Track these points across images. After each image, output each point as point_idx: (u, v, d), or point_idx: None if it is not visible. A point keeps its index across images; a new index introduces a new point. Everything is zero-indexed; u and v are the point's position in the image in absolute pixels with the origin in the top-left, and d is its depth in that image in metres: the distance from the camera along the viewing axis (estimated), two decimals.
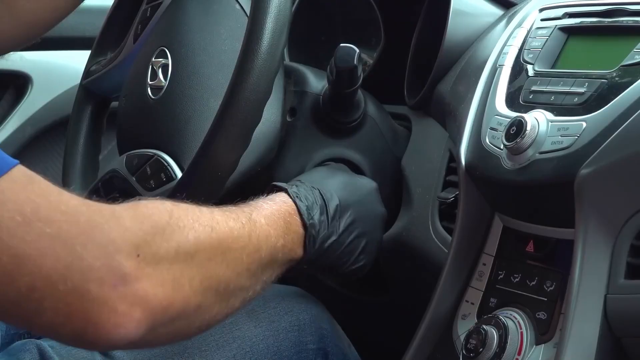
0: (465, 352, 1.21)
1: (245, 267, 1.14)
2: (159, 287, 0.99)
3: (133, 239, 0.98)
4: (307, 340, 1.40)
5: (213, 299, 1.08)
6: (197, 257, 1.05)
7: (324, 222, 1.30)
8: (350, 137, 1.51)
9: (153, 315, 0.99)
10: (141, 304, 0.97)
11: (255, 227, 1.18)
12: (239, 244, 1.13)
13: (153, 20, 1.55)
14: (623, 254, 1.14)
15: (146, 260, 0.98)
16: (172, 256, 1.02)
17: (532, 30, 1.37)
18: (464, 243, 1.32)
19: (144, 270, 0.98)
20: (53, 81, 2.36)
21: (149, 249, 0.99)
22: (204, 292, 1.06)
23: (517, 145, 1.21)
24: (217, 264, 1.08)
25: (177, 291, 1.02)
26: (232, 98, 1.25)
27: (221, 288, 1.09)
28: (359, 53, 1.43)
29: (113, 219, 0.98)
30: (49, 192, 0.95)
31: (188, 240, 1.05)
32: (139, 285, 0.97)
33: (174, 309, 1.01)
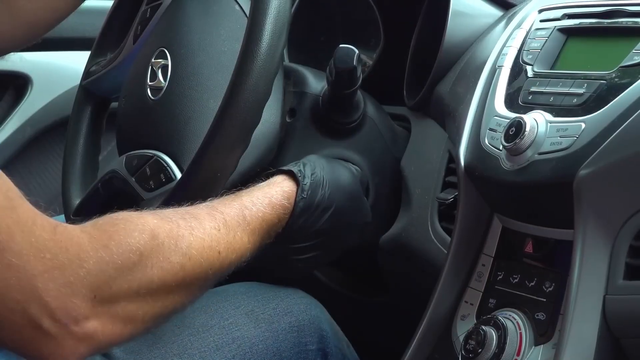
0: (464, 352, 1.21)
1: (206, 287, 1.18)
2: (108, 325, 1.04)
3: (92, 282, 1.02)
4: (306, 341, 1.40)
5: (161, 323, 1.14)
6: (157, 294, 1.09)
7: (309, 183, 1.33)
8: (350, 137, 1.51)
9: (97, 348, 1.05)
10: (88, 341, 1.03)
11: (234, 250, 1.20)
12: (207, 274, 1.16)
13: (153, 21, 1.55)
14: (622, 254, 1.14)
15: (102, 301, 1.03)
16: (131, 295, 1.06)
17: (531, 31, 1.37)
18: (463, 244, 1.32)
19: (97, 309, 1.02)
20: (53, 82, 2.36)
21: (108, 290, 1.03)
22: (154, 321, 1.11)
23: (516, 146, 1.21)
24: (177, 297, 1.12)
25: (128, 326, 1.07)
26: (231, 99, 1.26)
27: (175, 313, 1.14)
28: (359, 54, 1.43)
29: (76, 261, 1.01)
30: (24, 220, 0.98)
31: (152, 281, 1.08)
32: (89, 324, 1.02)
33: (120, 339, 1.08)
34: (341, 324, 1.47)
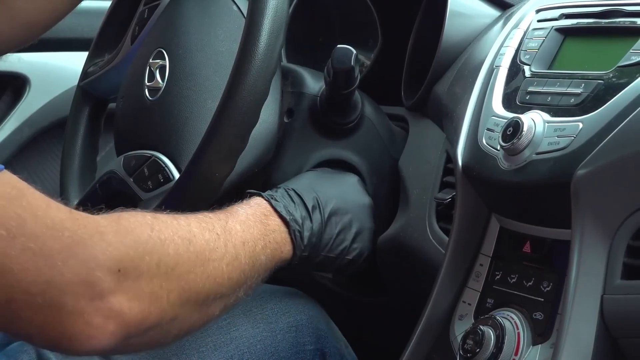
0: (462, 352, 1.21)
1: (226, 277, 1.15)
2: (135, 301, 1.01)
3: (115, 254, 1.00)
4: (304, 341, 1.40)
5: (191, 310, 1.11)
6: (177, 270, 1.07)
7: (305, 217, 1.32)
8: (348, 138, 1.51)
9: (127, 328, 1.01)
10: (116, 318, 0.99)
11: (231, 235, 1.19)
12: (216, 254, 1.14)
13: (151, 21, 1.55)
14: (619, 254, 1.14)
15: (126, 274, 1.00)
16: (153, 270, 1.04)
17: (528, 31, 1.37)
18: (461, 244, 1.32)
19: (122, 284, 1.00)
20: (51, 82, 2.36)
21: (131, 263, 1.01)
22: (182, 304, 1.08)
23: (514, 146, 1.21)
24: (197, 275, 1.10)
25: (154, 305, 1.04)
26: (229, 99, 1.26)
27: (200, 299, 1.11)
28: (356, 54, 1.43)
29: (96, 234, 0.99)
30: (36, 205, 0.97)
31: (168, 254, 1.06)
32: (115, 299, 0.99)
33: (149, 321, 1.04)
34: (339, 324, 1.47)
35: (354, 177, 1.46)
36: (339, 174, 1.46)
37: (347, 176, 1.46)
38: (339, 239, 1.37)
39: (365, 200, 1.44)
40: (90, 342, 0.98)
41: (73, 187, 1.60)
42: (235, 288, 1.18)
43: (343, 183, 1.43)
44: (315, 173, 1.45)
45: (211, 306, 1.15)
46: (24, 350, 1.23)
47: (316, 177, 1.42)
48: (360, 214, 1.41)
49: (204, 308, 1.13)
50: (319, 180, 1.40)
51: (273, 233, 1.27)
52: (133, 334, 1.03)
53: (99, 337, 0.99)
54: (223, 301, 1.17)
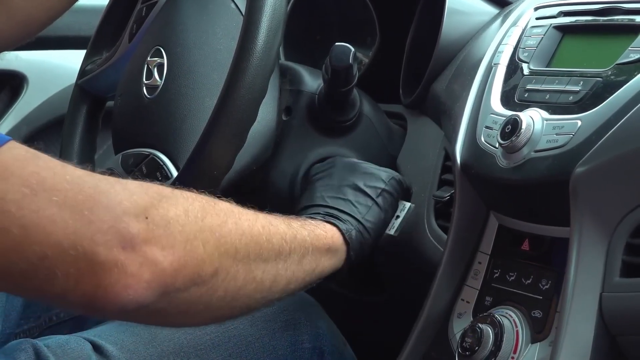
0: (461, 350, 1.21)
1: (264, 238, 1.12)
2: (169, 249, 0.98)
3: (140, 202, 0.98)
4: (302, 339, 1.40)
5: (233, 266, 1.06)
6: (207, 221, 1.04)
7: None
8: (346, 136, 1.51)
9: (164, 277, 0.98)
10: (150, 266, 0.96)
11: (259, 213, 1.16)
12: (247, 216, 1.11)
13: (148, 19, 1.55)
14: (618, 252, 1.14)
15: (155, 221, 0.98)
16: (182, 218, 1.01)
17: (527, 28, 1.37)
18: (460, 241, 1.32)
19: (153, 231, 0.97)
20: (48, 81, 2.36)
21: (157, 211, 0.99)
22: (220, 256, 1.04)
23: (512, 143, 1.21)
24: (231, 230, 1.07)
25: (190, 253, 1.00)
26: (227, 97, 1.25)
27: (240, 255, 1.07)
28: (355, 52, 1.43)
29: (118, 185, 0.98)
30: (53, 165, 0.96)
31: (194, 207, 1.04)
32: (148, 247, 0.96)
33: (187, 271, 1.00)
34: (338, 323, 1.47)
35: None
36: (333, 168, 1.46)
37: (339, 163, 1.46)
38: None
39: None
40: (127, 293, 0.95)
41: None
42: (278, 254, 1.14)
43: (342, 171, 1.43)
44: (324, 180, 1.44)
45: (255, 268, 1.10)
46: (22, 348, 1.23)
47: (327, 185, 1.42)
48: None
49: (247, 267, 1.09)
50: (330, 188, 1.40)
51: (305, 220, 1.27)
52: (172, 286, 0.99)
53: (135, 287, 0.96)
54: (269, 267, 1.12)
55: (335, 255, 1.28)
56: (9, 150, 0.95)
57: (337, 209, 1.34)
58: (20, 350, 1.23)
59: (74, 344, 1.25)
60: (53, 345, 1.24)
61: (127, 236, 0.95)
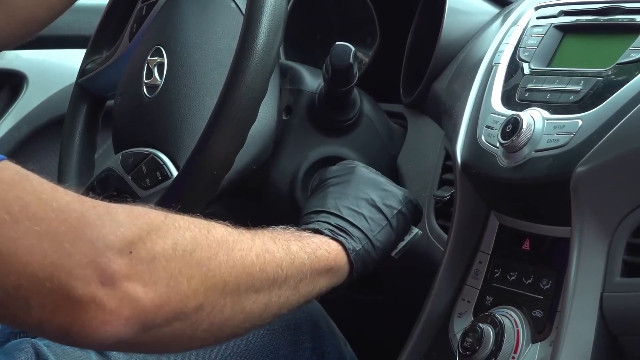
0: (462, 350, 1.21)
1: (257, 269, 1.09)
2: (151, 285, 0.96)
3: (127, 235, 0.95)
4: (303, 339, 1.40)
5: (220, 300, 1.04)
6: (196, 255, 1.01)
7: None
8: (346, 135, 1.51)
9: (144, 314, 0.96)
10: (130, 302, 0.94)
11: (257, 234, 1.13)
12: (242, 245, 1.08)
13: (149, 18, 1.55)
14: (619, 251, 1.14)
15: (139, 257, 0.95)
16: (169, 253, 0.98)
17: (527, 28, 1.37)
18: (460, 241, 1.32)
19: (136, 267, 0.95)
20: (48, 80, 2.36)
21: (144, 245, 0.96)
22: (206, 291, 1.01)
23: (513, 143, 1.21)
24: (221, 262, 1.04)
25: (173, 289, 0.98)
26: (227, 96, 1.25)
27: (228, 289, 1.05)
28: (355, 51, 1.43)
29: (107, 215, 0.95)
30: (41, 189, 0.94)
31: (185, 239, 1.01)
32: (129, 283, 0.94)
33: (168, 308, 0.98)
34: (338, 322, 1.47)
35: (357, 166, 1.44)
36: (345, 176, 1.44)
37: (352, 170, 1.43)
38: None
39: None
40: (104, 329, 0.94)
41: (71, 184, 1.59)
42: (272, 283, 1.11)
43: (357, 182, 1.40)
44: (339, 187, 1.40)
45: (245, 300, 1.07)
46: (22, 348, 1.23)
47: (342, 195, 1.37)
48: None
49: (236, 299, 1.06)
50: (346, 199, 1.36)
51: (309, 238, 1.23)
52: (152, 322, 0.97)
53: (113, 324, 0.94)
54: (260, 297, 1.09)
55: (335, 275, 1.25)
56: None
57: (348, 221, 1.30)
58: (20, 349, 1.22)
59: None
60: (53, 344, 1.24)
61: (107, 272, 0.93)
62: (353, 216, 1.31)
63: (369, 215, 1.32)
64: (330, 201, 1.34)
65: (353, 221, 1.30)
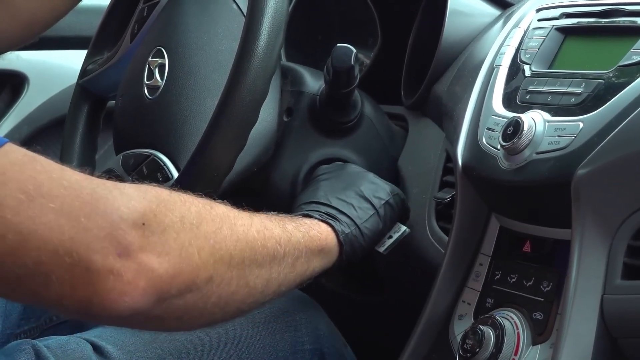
0: (462, 352, 1.21)
1: (259, 243, 1.12)
2: (164, 256, 0.99)
3: (138, 207, 0.98)
4: (303, 341, 1.40)
5: (227, 273, 1.07)
6: (202, 227, 1.04)
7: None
8: (347, 137, 1.51)
9: (159, 285, 0.98)
10: (146, 273, 0.97)
11: (254, 215, 1.16)
12: (243, 221, 1.11)
13: (150, 19, 1.55)
14: (620, 254, 1.14)
15: (151, 228, 0.98)
16: (177, 225, 1.01)
17: (529, 30, 1.37)
18: (461, 243, 1.32)
19: (149, 238, 0.98)
20: (49, 80, 2.36)
21: (154, 217, 0.99)
22: (215, 263, 1.05)
23: (514, 145, 1.21)
24: (226, 236, 1.07)
25: (185, 260, 1.01)
26: (228, 98, 1.25)
27: (234, 261, 1.08)
28: (356, 53, 1.43)
29: (116, 190, 0.98)
30: (51, 169, 0.96)
31: (191, 212, 1.04)
32: (144, 255, 0.97)
33: (182, 278, 1.00)
34: (338, 324, 1.47)
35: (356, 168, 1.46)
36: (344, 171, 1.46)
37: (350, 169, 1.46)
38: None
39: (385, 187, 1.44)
40: (123, 300, 0.96)
41: None
42: (272, 259, 1.14)
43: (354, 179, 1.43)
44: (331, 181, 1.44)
45: (249, 274, 1.10)
46: (22, 349, 1.23)
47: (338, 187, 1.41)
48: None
49: (241, 273, 1.09)
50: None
51: (301, 219, 1.27)
52: (167, 293, 1.00)
53: (131, 294, 0.96)
54: (262, 272, 1.12)
55: (327, 256, 1.28)
56: (7, 154, 0.94)
57: (337, 209, 1.34)
58: (20, 350, 1.22)
59: (74, 344, 1.25)
60: (53, 345, 1.24)
61: (123, 244, 0.96)
62: (342, 205, 1.35)
63: (357, 204, 1.37)
64: (320, 193, 1.39)
65: (342, 209, 1.35)
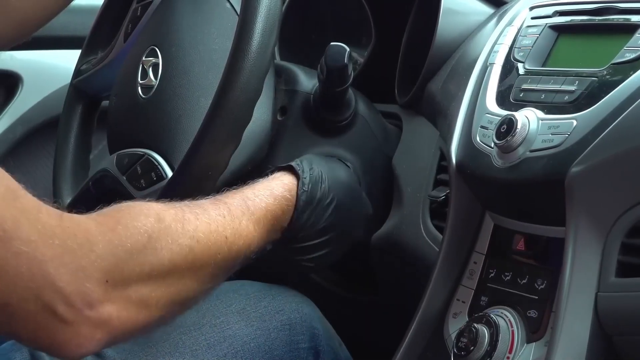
0: (457, 350, 1.21)
1: (216, 280, 1.18)
2: (123, 311, 1.04)
3: (104, 266, 1.01)
4: (298, 340, 1.40)
5: (177, 311, 1.14)
6: (169, 278, 1.09)
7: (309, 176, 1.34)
8: (341, 135, 1.51)
9: (114, 335, 1.04)
10: (104, 327, 1.02)
11: (241, 237, 1.20)
12: (216, 259, 1.16)
13: (143, 19, 1.55)
14: (614, 252, 1.14)
15: (114, 284, 1.02)
16: (143, 278, 1.06)
17: (522, 28, 1.37)
18: (455, 241, 1.32)
19: (110, 294, 1.02)
20: (43, 80, 2.36)
21: (120, 274, 1.03)
22: (169, 307, 1.11)
23: (508, 143, 1.21)
24: (189, 281, 1.12)
25: (142, 311, 1.06)
26: (222, 97, 1.25)
27: (187, 301, 1.15)
28: (350, 52, 1.43)
29: (86, 244, 1.01)
30: (29, 208, 0.98)
31: (162, 264, 1.08)
32: (104, 309, 1.01)
33: (136, 327, 1.07)
34: (333, 323, 1.47)
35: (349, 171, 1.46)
36: (350, 175, 1.46)
37: (345, 169, 1.46)
38: (320, 228, 1.36)
39: (365, 210, 1.45)
40: (78, 349, 1.01)
41: (66, 185, 1.59)
42: (226, 272, 1.21)
43: (354, 188, 1.43)
44: (325, 159, 1.44)
45: (194, 304, 1.18)
46: (17, 349, 1.23)
47: (329, 166, 1.42)
48: (353, 221, 1.41)
49: (188, 307, 1.17)
50: (333, 172, 1.40)
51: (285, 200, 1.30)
52: (119, 338, 1.06)
53: (87, 345, 1.01)
54: (210, 288, 1.20)
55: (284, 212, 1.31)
56: None
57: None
58: (15, 350, 1.22)
59: None
60: None
61: (86, 299, 1.00)
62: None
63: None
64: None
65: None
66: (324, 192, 1.34)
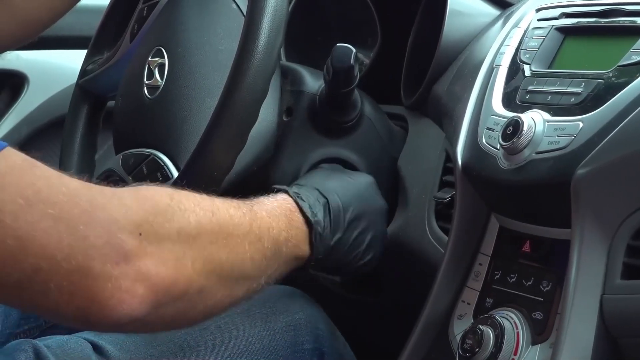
0: (462, 352, 1.21)
1: (248, 255, 1.13)
2: (161, 266, 1.00)
3: (135, 218, 0.99)
4: (302, 340, 1.40)
5: (216, 283, 1.09)
6: (199, 240, 1.06)
7: (327, 219, 1.30)
8: (347, 137, 1.51)
9: (156, 293, 0.99)
10: (144, 281, 0.98)
11: (257, 217, 1.18)
12: (240, 230, 1.13)
13: (149, 19, 1.55)
14: (619, 254, 1.14)
15: (148, 238, 0.99)
16: (174, 237, 1.03)
17: (528, 30, 1.37)
18: (460, 243, 1.32)
19: (146, 248, 0.99)
20: (49, 80, 2.36)
21: (151, 228, 1.00)
22: (207, 275, 1.06)
23: (514, 145, 1.21)
24: (219, 248, 1.09)
25: (180, 271, 1.02)
26: (228, 98, 1.25)
27: (224, 273, 1.10)
28: (356, 53, 1.43)
29: (115, 199, 0.99)
30: (50, 175, 0.96)
31: (189, 223, 1.05)
32: (142, 263, 0.98)
33: (177, 288, 1.02)
34: (338, 324, 1.47)
35: (369, 177, 1.44)
36: (355, 174, 1.45)
37: (363, 178, 1.44)
38: (355, 244, 1.35)
39: (380, 203, 1.42)
40: (121, 307, 0.97)
41: None
42: (257, 272, 1.16)
43: (361, 186, 1.41)
44: (333, 172, 1.44)
45: (235, 285, 1.13)
46: (22, 348, 1.23)
47: (336, 178, 1.40)
48: (376, 219, 1.40)
49: (229, 284, 1.12)
50: (340, 183, 1.38)
51: (295, 229, 1.26)
52: (162, 302, 1.01)
53: (130, 302, 0.97)
54: (247, 284, 1.15)
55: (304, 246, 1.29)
56: (6, 158, 0.94)
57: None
58: (20, 350, 1.22)
59: (74, 344, 1.25)
60: (53, 345, 1.24)
61: (121, 252, 0.97)
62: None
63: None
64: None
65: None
66: (337, 215, 1.33)
